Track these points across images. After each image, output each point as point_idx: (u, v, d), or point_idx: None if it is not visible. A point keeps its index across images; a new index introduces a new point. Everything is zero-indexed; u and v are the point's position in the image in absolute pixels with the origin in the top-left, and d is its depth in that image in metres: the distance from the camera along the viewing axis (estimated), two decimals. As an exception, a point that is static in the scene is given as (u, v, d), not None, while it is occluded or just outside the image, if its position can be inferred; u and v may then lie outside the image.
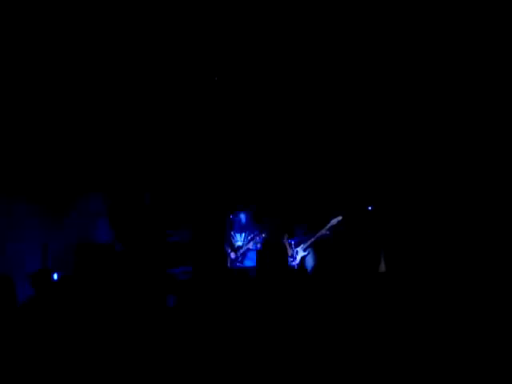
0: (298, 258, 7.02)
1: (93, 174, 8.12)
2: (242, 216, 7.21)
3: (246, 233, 7.22)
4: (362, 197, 7.67)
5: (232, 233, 7.29)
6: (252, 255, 7.13)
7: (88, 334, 5.27)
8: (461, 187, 7.00)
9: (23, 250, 7.08)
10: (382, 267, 6.84)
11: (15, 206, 7.36)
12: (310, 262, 7.05)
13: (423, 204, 7.14)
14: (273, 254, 7.29)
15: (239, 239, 7.23)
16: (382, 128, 7.72)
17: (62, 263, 7.18)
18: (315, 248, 7.05)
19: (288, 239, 7.15)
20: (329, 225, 6.92)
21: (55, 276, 6.88)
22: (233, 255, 7.17)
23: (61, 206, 7.78)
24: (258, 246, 7.07)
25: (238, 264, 7.15)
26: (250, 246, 7.12)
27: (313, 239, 6.99)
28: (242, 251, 7.15)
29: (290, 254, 7.07)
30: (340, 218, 6.91)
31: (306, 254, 7.03)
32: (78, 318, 5.85)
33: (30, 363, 4.54)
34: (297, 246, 7.07)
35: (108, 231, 8.03)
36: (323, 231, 6.96)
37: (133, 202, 8.46)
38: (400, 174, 7.66)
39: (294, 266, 7.05)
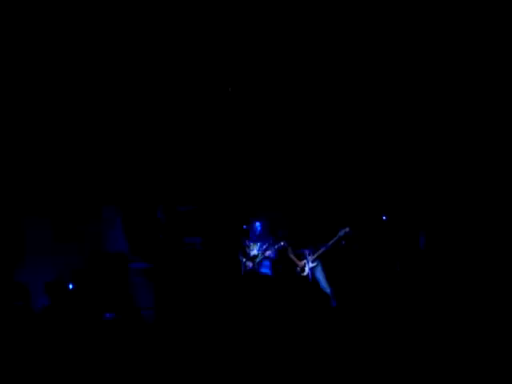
0: (307, 269, 6.98)
1: (106, 185, 8.14)
2: (258, 225, 7.18)
3: (261, 242, 7.17)
4: (376, 207, 7.65)
5: (247, 242, 7.26)
6: (267, 263, 7.09)
7: (99, 342, 5.28)
8: (473, 194, 6.99)
9: (39, 260, 7.11)
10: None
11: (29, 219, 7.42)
12: (319, 273, 7.01)
13: (439, 213, 7.10)
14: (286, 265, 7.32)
15: (254, 248, 7.19)
16: (396, 138, 7.73)
17: (76, 273, 7.20)
18: (322, 259, 7.03)
19: (293, 251, 7.13)
20: (336, 237, 6.90)
21: (70, 286, 6.90)
22: (249, 264, 7.13)
23: (74, 217, 7.83)
24: (275, 254, 7.04)
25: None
26: (268, 253, 7.08)
27: (321, 251, 6.96)
28: (258, 260, 7.11)
29: (299, 266, 7.04)
30: (347, 229, 6.88)
31: (314, 265, 6.99)
32: (91, 325, 5.86)
33: (41, 368, 4.55)
34: (304, 258, 7.03)
35: (121, 241, 8.04)
36: (332, 242, 6.93)
37: (146, 214, 8.48)
38: (414, 183, 7.65)
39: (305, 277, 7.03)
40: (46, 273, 7.05)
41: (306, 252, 6.99)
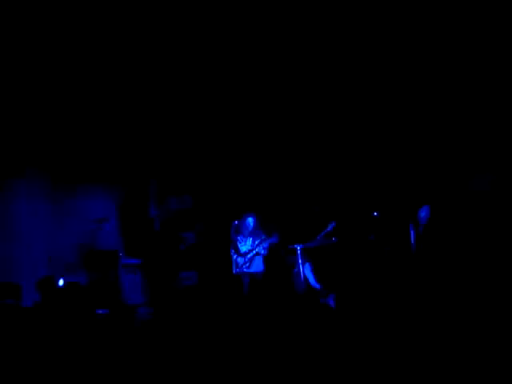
0: (298, 265, 6.98)
1: (101, 178, 8.12)
2: (250, 220, 7.10)
3: (253, 237, 7.11)
4: (367, 203, 7.65)
5: (238, 238, 7.19)
6: (259, 260, 7.04)
7: (91, 339, 5.28)
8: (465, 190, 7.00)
9: (29, 255, 7.08)
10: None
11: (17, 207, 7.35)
12: (307, 269, 7.01)
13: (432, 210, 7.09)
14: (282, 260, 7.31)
15: (247, 244, 7.13)
16: (388, 134, 7.72)
17: (65, 267, 7.19)
18: (310, 255, 7.04)
19: (288, 246, 7.12)
20: (324, 231, 6.91)
21: (61, 282, 6.88)
22: (240, 260, 7.07)
23: (65, 210, 7.79)
24: (266, 251, 7.00)
25: (245, 269, 7.05)
26: (260, 249, 7.02)
27: (313, 245, 6.97)
28: (250, 256, 7.05)
29: (290, 262, 7.05)
30: (334, 223, 6.90)
31: (303, 260, 6.99)
32: (82, 323, 5.86)
33: (31, 366, 4.55)
34: (295, 253, 7.03)
35: (113, 236, 8.03)
36: (321, 236, 6.93)
37: (140, 210, 8.48)
38: (406, 179, 7.65)
39: (295, 272, 7.02)
40: (37, 269, 7.05)
41: (297, 247, 6.97)
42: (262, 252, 6.98)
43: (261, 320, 5.97)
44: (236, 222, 7.14)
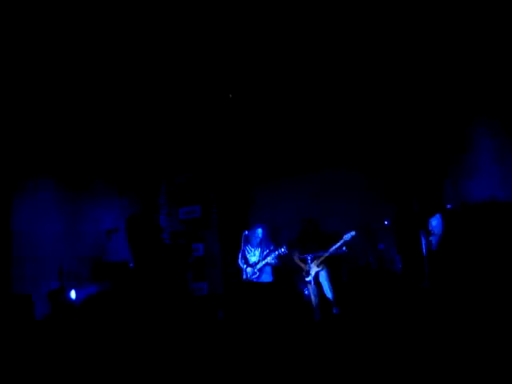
0: (313, 273, 6.93)
1: (108, 189, 8.14)
2: (259, 231, 7.13)
3: (262, 248, 7.12)
4: (378, 212, 7.62)
5: (247, 248, 7.21)
6: (269, 270, 7.05)
7: (103, 350, 5.27)
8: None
9: (41, 266, 7.09)
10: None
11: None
12: (324, 278, 6.96)
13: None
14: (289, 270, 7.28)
15: (255, 254, 7.14)
16: (399, 141, 7.71)
17: (75, 278, 7.19)
18: (328, 263, 6.99)
19: (300, 255, 7.08)
20: (342, 240, 6.84)
21: (72, 293, 6.88)
22: (250, 270, 7.08)
23: (76, 220, 7.81)
24: (276, 260, 6.98)
25: (254, 279, 7.05)
26: (269, 260, 7.01)
27: (326, 254, 6.90)
28: (259, 266, 7.05)
29: (304, 270, 7.00)
30: (353, 233, 6.83)
31: (319, 269, 6.94)
32: (94, 334, 5.86)
33: (44, 377, 4.56)
34: (310, 261, 6.98)
35: (123, 247, 8.03)
36: (337, 247, 6.87)
37: (150, 219, 8.49)
38: (417, 187, 7.63)
39: (309, 281, 6.98)
40: (47, 279, 7.05)
41: (309, 257, 6.95)
42: (272, 262, 6.97)
43: (269, 330, 5.96)
44: (246, 232, 7.17)
